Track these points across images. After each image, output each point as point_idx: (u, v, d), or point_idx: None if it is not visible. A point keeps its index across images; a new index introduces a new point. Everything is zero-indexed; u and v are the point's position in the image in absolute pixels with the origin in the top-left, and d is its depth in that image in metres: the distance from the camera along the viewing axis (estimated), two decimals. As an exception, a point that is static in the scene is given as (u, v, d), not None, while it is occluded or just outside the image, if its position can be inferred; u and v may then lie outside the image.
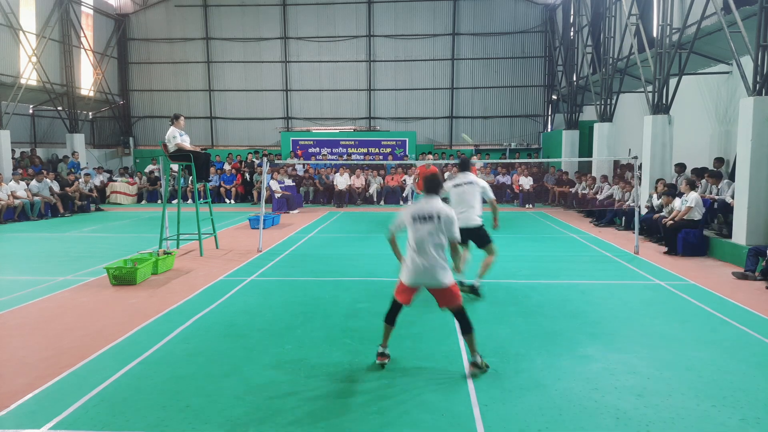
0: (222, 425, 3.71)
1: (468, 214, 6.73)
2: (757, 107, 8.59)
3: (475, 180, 6.91)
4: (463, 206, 6.76)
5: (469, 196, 6.81)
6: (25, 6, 18.84)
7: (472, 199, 6.81)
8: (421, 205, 4.62)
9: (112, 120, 24.46)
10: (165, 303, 6.62)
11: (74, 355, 4.93)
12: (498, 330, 5.63)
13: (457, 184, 6.94)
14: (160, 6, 24.13)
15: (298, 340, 5.33)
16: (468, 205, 6.78)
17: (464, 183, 6.89)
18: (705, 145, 12.85)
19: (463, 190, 6.86)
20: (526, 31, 23.33)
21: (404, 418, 3.80)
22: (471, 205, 6.78)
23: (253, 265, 8.83)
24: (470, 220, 6.74)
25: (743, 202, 8.86)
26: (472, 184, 6.87)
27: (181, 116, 9.70)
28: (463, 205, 6.77)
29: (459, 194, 6.87)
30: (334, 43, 23.79)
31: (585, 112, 20.32)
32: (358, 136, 22.75)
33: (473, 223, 6.77)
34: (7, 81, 17.60)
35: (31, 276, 8.15)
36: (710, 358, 4.85)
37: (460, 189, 6.90)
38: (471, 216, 6.75)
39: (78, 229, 13.14)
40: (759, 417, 3.80)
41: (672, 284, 7.56)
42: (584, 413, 3.85)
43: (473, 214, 6.77)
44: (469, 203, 6.78)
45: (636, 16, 13.80)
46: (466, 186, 6.87)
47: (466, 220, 6.68)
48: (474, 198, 6.82)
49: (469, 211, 6.75)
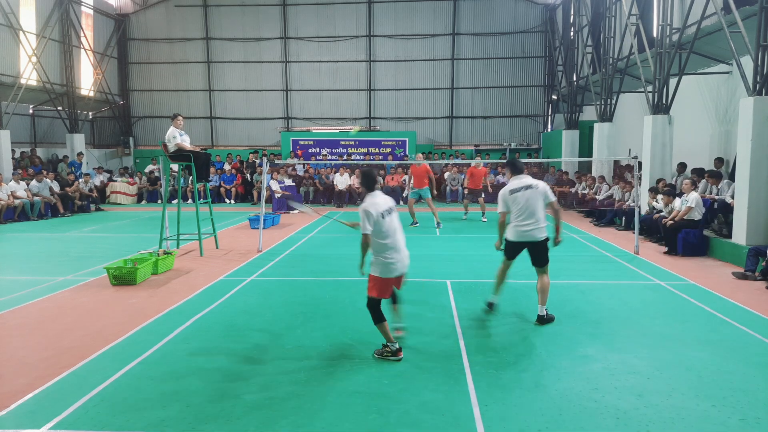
0: (222, 425, 3.71)
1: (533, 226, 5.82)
2: (757, 107, 8.59)
3: (534, 183, 5.92)
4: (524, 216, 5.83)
5: (533, 203, 5.81)
6: (25, 6, 18.83)
7: (536, 207, 5.82)
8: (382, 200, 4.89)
9: (112, 120, 24.45)
10: (165, 303, 6.62)
11: (74, 355, 4.93)
12: (498, 330, 5.62)
13: (513, 190, 5.92)
14: (160, 6, 24.12)
15: (298, 340, 5.33)
16: (531, 215, 5.81)
17: (523, 187, 5.88)
18: (705, 145, 12.85)
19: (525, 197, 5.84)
20: (526, 31, 23.33)
21: (404, 418, 3.80)
22: (534, 214, 5.81)
23: (253, 265, 8.83)
24: (537, 233, 5.84)
25: (743, 202, 8.86)
26: (532, 188, 5.86)
27: (180, 115, 9.69)
28: (524, 215, 5.83)
29: (517, 201, 5.87)
30: (334, 43, 23.79)
31: (585, 112, 20.31)
32: (358, 136, 22.74)
33: (541, 235, 5.85)
34: (7, 81, 17.59)
35: (31, 276, 8.15)
36: (710, 358, 4.85)
37: (518, 195, 5.89)
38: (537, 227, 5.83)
39: (78, 229, 13.14)
40: (759, 417, 3.80)
41: (672, 284, 7.56)
42: (584, 413, 3.85)
43: (540, 225, 5.84)
44: (533, 212, 5.81)
45: (636, 16, 13.80)
46: (527, 191, 5.85)
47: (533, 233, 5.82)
48: (537, 205, 5.83)
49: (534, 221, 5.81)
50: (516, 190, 5.90)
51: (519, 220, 5.88)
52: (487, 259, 9.29)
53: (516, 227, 5.91)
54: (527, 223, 5.82)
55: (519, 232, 5.89)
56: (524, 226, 5.84)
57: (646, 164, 12.66)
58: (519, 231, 5.89)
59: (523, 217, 5.84)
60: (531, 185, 5.87)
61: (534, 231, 5.83)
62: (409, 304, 6.59)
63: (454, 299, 6.77)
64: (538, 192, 5.85)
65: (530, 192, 5.84)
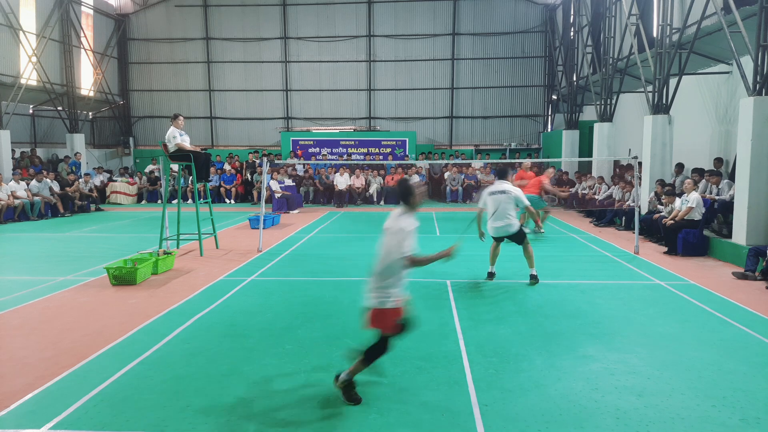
0: (222, 425, 3.71)
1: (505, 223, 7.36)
2: (757, 107, 8.59)
3: (509, 189, 7.35)
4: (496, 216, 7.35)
5: (505, 206, 7.32)
6: (25, 6, 18.83)
7: (507, 209, 7.33)
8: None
9: (112, 120, 24.45)
10: (165, 303, 6.62)
11: (74, 355, 4.93)
12: (498, 330, 5.63)
13: (492, 192, 7.41)
14: (160, 6, 24.13)
15: (298, 340, 5.33)
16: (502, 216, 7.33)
17: (499, 192, 7.36)
18: (705, 145, 12.85)
19: (498, 200, 7.33)
20: (526, 31, 23.33)
21: (404, 418, 3.80)
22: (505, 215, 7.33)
23: (253, 265, 8.83)
24: (509, 229, 7.40)
25: (743, 202, 8.86)
26: (505, 193, 7.32)
27: (180, 116, 9.69)
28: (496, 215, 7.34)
29: (493, 203, 7.36)
30: (334, 43, 23.79)
31: (585, 112, 20.32)
32: (358, 136, 22.75)
33: (512, 230, 7.41)
34: (7, 81, 17.60)
35: (31, 276, 8.15)
36: (710, 358, 4.85)
37: (494, 198, 7.39)
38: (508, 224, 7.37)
39: (78, 229, 13.14)
40: (759, 417, 3.80)
41: (672, 284, 7.56)
42: (584, 413, 3.85)
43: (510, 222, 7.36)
44: (504, 214, 7.32)
45: (636, 16, 13.81)
46: (501, 196, 7.33)
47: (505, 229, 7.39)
48: (509, 208, 7.35)
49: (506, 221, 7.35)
50: (493, 193, 7.37)
51: (493, 219, 7.37)
52: (487, 259, 9.28)
53: (492, 225, 7.42)
54: (500, 223, 7.34)
55: (494, 228, 7.43)
56: (498, 224, 7.35)
57: (646, 164, 12.66)
58: (494, 228, 7.43)
59: (496, 217, 7.34)
60: (505, 191, 7.32)
61: (506, 228, 7.36)
62: (409, 303, 6.60)
63: (454, 299, 6.77)
64: (510, 198, 7.33)
65: (503, 197, 7.30)
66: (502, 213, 7.30)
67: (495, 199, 7.33)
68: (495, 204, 7.33)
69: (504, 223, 7.32)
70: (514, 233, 7.40)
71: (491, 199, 7.36)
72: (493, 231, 7.44)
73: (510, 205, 7.32)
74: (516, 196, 7.34)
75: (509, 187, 7.40)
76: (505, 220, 7.31)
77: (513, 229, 7.36)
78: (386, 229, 4.01)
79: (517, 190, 7.42)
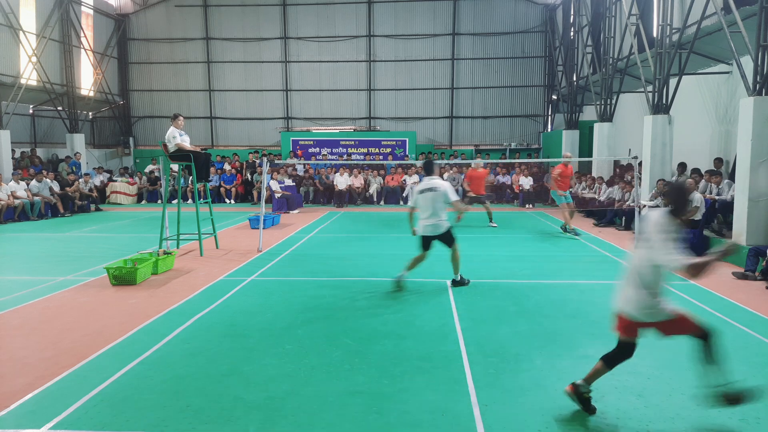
0: (222, 425, 3.71)
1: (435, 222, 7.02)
2: (757, 107, 8.59)
3: (438, 185, 7.03)
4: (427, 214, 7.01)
5: (435, 204, 6.98)
6: (25, 6, 18.83)
7: (437, 207, 6.99)
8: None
9: (112, 120, 24.45)
10: (165, 303, 6.62)
11: (74, 355, 4.93)
12: (498, 330, 5.62)
13: (422, 190, 7.09)
14: (160, 6, 24.12)
15: (298, 340, 5.33)
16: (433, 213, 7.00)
17: (428, 189, 7.03)
18: (705, 145, 12.85)
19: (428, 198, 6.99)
20: (526, 31, 23.33)
21: (404, 418, 3.80)
22: (435, 213, 7.00)
23: (253, 265, 8.83)
24: (439, 228, 7.06)
25: (743, 202, 8.86)
26: (434, 190, 7.00)
27: (180, 116, 9.70)
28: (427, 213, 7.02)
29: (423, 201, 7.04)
30: (334, 43, 23.79)
31: (585, 112, 20.31)
32: (358, 136, 22.75)
33: (441, 230, 7.08)
34: (7, 81, 17.59)
35: (31, 276, 8.15)
36: (710, 358, 4.85)
37: (424, 196, 7.04)
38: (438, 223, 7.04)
39: (78, 229, 13.14)
40: (759, 417, 3.80)
41: (672, 284, 7.54)
42: (584, 413, 3.85)
43: (440, 220, 7.04)
44: (435, 211, 6.99)
45: (636, 16, 13.81)
46: (430, 193, 7.00)
47: (435, 228, 7.04)
48: (438, 205, 7.00)
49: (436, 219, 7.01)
50: (422, 191, 7.07)
51: (424, 217, 7.09)
52: (487, 259, 9.30)
53: (422, 223, 7.12)
54: (430, 221, 7.03)
55: (424, 227, 7.11)
56: (428, 222, 7.05)
57: (646, 164, 12.66)
58: (424, 226, 7.11)
59: (427, 215, 7.04)
60: (434, 188, 7.00)
61: (435, 226, 7.04)
62: (409, 304, 6.61)
63: (454, 299, 6.77)
64: (439, 194, 6.98)
65: (432, 194, 6.99)
66: (434, 211, 7.00)
67: (425, 197, 7.03)
68: (426, 202, 7.02)
69: (434, 221, 7.02)
70: (442, 233, 7.09)
71: (422, 197, 7.06)
72: (422, 230, 7.12)
73: (439, 202, 6.99)
74: (444, 192, 7.00)
75: (438, 182, 7.08)
76: (435, 219, 7.02)
77: (442, 229, 7.06)
78: (644, 235, 3.64)
79: (446, 185, 7.08)
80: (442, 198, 6.99)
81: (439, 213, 7.00)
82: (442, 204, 7.00)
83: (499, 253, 9.99)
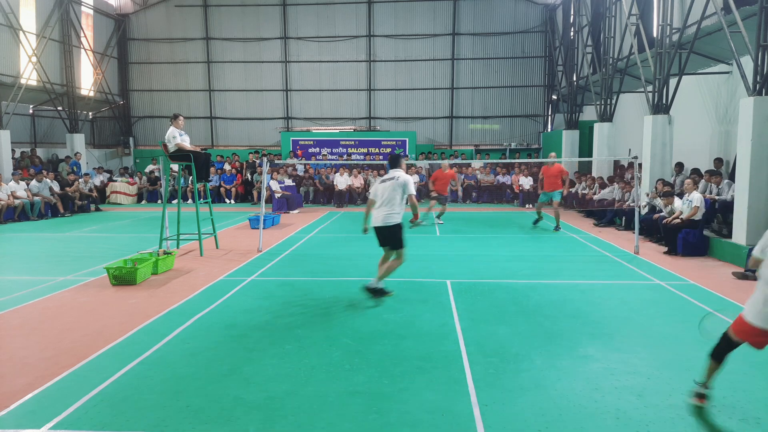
0: (222, 425, 3.71)
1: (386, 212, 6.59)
2: (757, 107, 8.59)
3: (399, 175, 6.66)
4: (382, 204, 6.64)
5: (391, 194, 6.60)
6: (25, 6, 18.84)
7: (394, 197, 6.59)
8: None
9: (112, 120, 24.46)
10: (165, 303, 6.61)
11: (74, 355, 4.93)
12: (498, 330, 5.62)
13: (382, 180, 6.83)
14: (160, 6, 24.13)
15: (298, 340, 5.33)
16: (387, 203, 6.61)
17: (388, 179, 6.72)
18: (705, 145, 12.85)
19: (386, 188, 6.67)
20: (526, 31, 23.33)
21: (404, 418, 3.80)
22: (390, 203, 6.59)
23: (253, 265, 8.83)
24: (388, 219, 6.60)
25: (743, 202, 8.86)
26: (393, 180, 6.64)
27: (180, 116, 9.70)
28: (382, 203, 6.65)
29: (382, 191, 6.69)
30: (334, 43, 23.79)
31: (585, 112, 20.32)
32: (358, 136, 22.76)
33: (390, 221, 6.60)
34: (7, 81, 17.60)
35: (31, 276, 8.15)
36: (710, 358, 4.85)
37: (383, 185, 6.74)
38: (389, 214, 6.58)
39: (78, 229, 13.14)
40: (759, 417, 3.80)
41: (672, 284, 7.56)
42: (584, 413, 3.85)
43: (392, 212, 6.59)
44: (389, 201, 6.59)
45: (636, 16, 13.81)
46: (389, 182, 6.67)
47: (384, 218, 6.59)
48: (395, 195, 6.59)
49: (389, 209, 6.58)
50: (383, 180, 6.75)
51: (377, 206, 6.67)
52: (487, 259, 9.30)
53: (375, 213, 6.70)
54: (382, 211, 6.59)
55: (375, 217, 6.68)
56: (380, 213, 6.60)
57: (646, 164, 12.66)
58: (375, 216, 6.67)
59: (381, 204, 6.63)
60: (394, 177, 6.63)
61: (385, 217, 6.56)
62: (409, 304, 6.61)
63: (454, 299, 6.77)
64: (398, 184, 6.58)
65: (392, 182, 6.61)
66: (387, 201, 6.60)
67: (384, 186, 6.68)
68: (384, 192, 6.65)
69: (386, 212, 6.56)
70: (390, 227, 6.58)
71: (381, 186, 6.71)
72: (373, 220, 6.71)
73: (396, 193, 6.56)
74: (405, 183, 6.58)
75: (399, 173, 6.69)
76: (388, 208, 6.56)
77: (391, 221, 6.56)
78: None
79: (407, 177, 6.67)
80: (401, 188, 6.58)
81: (393, 204, 6.59)
82: (399, 195, 6.59)
83: (499, 253, 9.99)
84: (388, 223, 6.57)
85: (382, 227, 6.61)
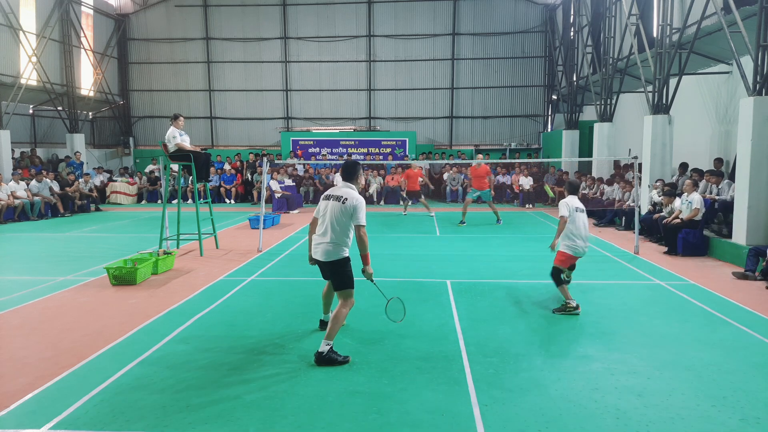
0: (222, 425, 3.71)
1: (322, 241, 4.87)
2: (757, 107, 8.59)
3: (349, 195, 4.84)
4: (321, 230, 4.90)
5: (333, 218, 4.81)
6: (25, 6, 18.83)
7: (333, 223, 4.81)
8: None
9: (112, 120, 24.45)
10: (165, 303, 6.61)
11: (74, 355, 4.93)
12: (498, 330, 5.62)
13: (325, 196, 5.04)
14: (160, 6, 24.12)
15: (298, 340, 5.33)
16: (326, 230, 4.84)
17: (333, 197, 4.92)
18: (705, 145, 12.85)
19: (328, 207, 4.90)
20: (526, 31, 23.33)
21: (404, 418, 3.80)
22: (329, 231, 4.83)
23: (253, 265, 8.83)
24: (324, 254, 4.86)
25: (743, 202, 8.86)
26: (339, 201, 4.84)
27: (181, 116, 9.70)
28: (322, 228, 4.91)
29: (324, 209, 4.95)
30: (334, 43, 23.79)
31: (585, 112, 20.32)
32: (358, 136, 22.75)
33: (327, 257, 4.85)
34: (7, 81, 17.59)
35: (31, 276, 8.15)
36: (710, 358, 4.85)
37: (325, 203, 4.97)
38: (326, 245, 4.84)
39: (78, 229, 13.13)
40: (759, 417, 3.80)
41: (672, 284, 7.56)
42: (584, 413, 3.85)
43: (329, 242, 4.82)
44: (329, 227, 4.83)
45: (636, 16, 13.81)
46: (333, 202, 4.88)
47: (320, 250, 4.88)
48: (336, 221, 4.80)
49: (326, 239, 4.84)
50: (327, 197, 5.01)
51: (319, 233, 4.95)
52: (487, 259, 9.30)
53: (314, 240, 5.01)
54: (321, 240, 4.88)
55: (314, 246, 4.99)
56: (318, 242, 4.92)
57: (646, 164, 12.66)
58: (316, 244, 4.97)
59: (320, 230, 4.92)
60: (341, 197, 4.84)
61: (321, 248, 4.86)
62: (409, 303, 6.60)
63: (454, 299, 6.77)
64: (346, 208, 4.78)
65: (334, 204, 4.84)
66: (331, 228, 4.80)
67: (325, 205, 4.94)
68: (325, 213, 4.88)
69: (326, 242, 4.81)
70: (333, 263, 4.84)
71: (323, 204, 4.98)
72: (312, 250, 5.00)
73: (344, 218, 4.77)
74: (352, 208, 4.74)
75: (350, 193, 4.86)
76: (327, 238, 4.81)
77: (333, 256, 4.80)
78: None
79: (357, 201, 4.78)
80: (349, 214, 4.76)
81: (336, 232, 4.79)
82: (345, 222, 4.79)
83: (499, 253, 9.99)
84: (331, 259, 4.84)
85: (322, 262, 4.94)
